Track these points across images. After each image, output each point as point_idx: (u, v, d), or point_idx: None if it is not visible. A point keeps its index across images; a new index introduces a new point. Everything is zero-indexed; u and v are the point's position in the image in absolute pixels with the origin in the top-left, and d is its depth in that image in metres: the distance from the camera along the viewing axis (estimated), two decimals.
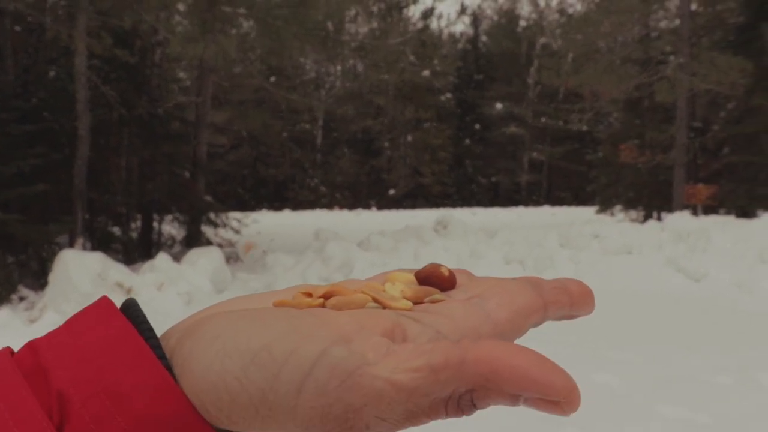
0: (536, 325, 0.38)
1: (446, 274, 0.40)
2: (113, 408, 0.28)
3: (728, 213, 18.72)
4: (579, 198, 41.26)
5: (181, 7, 12.04)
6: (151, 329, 0.31)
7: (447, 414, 0.29)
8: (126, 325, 0.31)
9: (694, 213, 17.96)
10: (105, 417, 0.28)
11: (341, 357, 0.29)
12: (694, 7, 20.74)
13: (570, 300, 0.39)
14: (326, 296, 0.37)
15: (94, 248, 10.64)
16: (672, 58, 19.50)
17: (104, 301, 0.33)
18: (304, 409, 0.28)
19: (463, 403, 0.29)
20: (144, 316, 0.32)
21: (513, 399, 0.28)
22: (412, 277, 0.41)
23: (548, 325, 0.44)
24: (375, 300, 0.36)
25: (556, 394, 0.27)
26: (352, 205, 39.82)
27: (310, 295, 0.37)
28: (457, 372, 0.28)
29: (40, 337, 0.31)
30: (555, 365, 0.28)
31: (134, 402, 0.28)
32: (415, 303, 0.37)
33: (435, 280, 0.40)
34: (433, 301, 0.37)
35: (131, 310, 0.33)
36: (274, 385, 0.28)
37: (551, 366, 0.28)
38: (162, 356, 0.30)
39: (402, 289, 0.38)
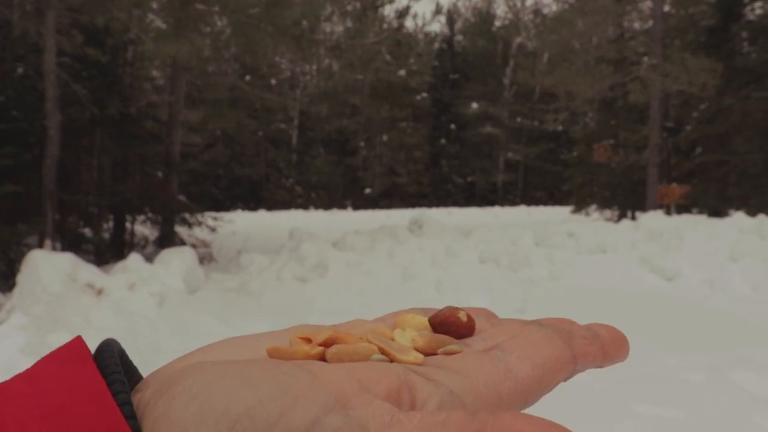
0: (565, 379, 0.34)
1: (464, 320, 0.36)
2: None
3: (701, 212, 18.96)
4: (554, 197, 41.57)
5: (154, 5, 11.89)
6: (122, 381, 0.28)
7: None
8: (95, 376, 0.28)
9: (668, 212, 18.16)
10: None
11: (337, 426, 0.25)
12: (666, 8, 20.97)
13: (602, 351, 0.35)
14: (327, 343, 0.33)
15: (64, 249, 10.47)
16: (645, 59, 19.70)
17: (76, 344, 0.30)
18: None
19: None
20: (116, 365, 0.29)
21: None
22: (425, 321, 0.37)
23: None
24: (381, 351, 0.33)
25: None
26: (327, 205, 39.73)
27: (309, 340, 0.33)
28: None
29: (3, 382, 0.28)
30: None
31: None
32: (427, 354, 0.34)
33: (451, 327, 0.36)
34: (447, 353, 0.33)
35: (105, 356, 0.30)
36: None
37: None
38: (130, 415, 0.27)
39: (413, 337, 0.34)
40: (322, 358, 0.32)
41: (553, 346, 0.34)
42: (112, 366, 0.29)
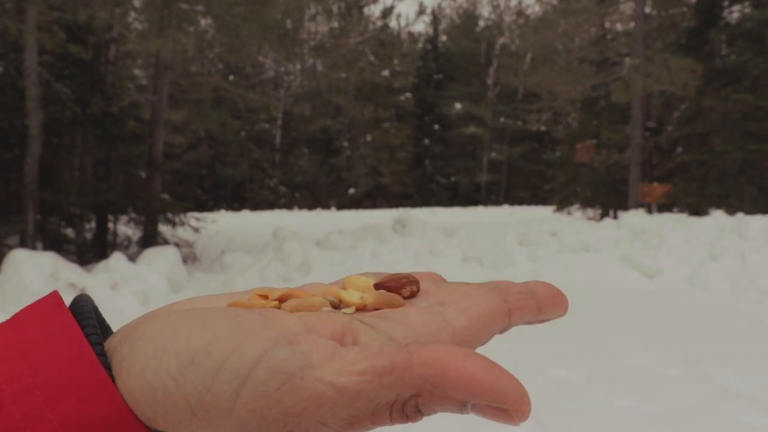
0: (501, 331, 0.37)
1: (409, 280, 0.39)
2: (45, 405, 0.27)
3: (681, 211, 19.15)
4: (537, 197, 41.77)
5: (136, 3, 11.83)
6: (94, 326, 0.31)
7: (392, 420, 0.28)
8: (69, 321, 0.30)
9: (649, 211, 18.33)
10: (36, 414, 0.27)
11: (283, 358, 0.28)
12: (648, 10, 21.16)
13: (537, 304, 0.39)
14: (282, 299, 0.36)
15: (46, 249, 10.39)
16: (627, 59, 19.86)
17: (52, 296, 0.32)
18: (241, 411, 0.27)
19: (408, 408, 0.28)
20: (90, 312, 0.32)
21: (460, 405, 0.27)
22: (370, 282, 0.40)
23: None
24: (331, 305, 0.36)
25: (505, 401, 0.26)
26: (311, 205, 39.66)
27: (266, 297, 0.36)
28: (402, 375, 0.27)
29: None
30: (505, 371, 0.27)
31: (67, 399, 0.27)
32: (374, 310, 0.36)
33: (394, 287, 0.38)
34: (391, 306, 0.36)
35: (79, 306, 0.32)
36: (211, 386, 0.27)
37: (501, 372, 0.27)
38: (101, 353, 0.29)
39: (361, 295, 0.37)
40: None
41: (488, 300, 0.37)
42: (86, 314, 0.32)
